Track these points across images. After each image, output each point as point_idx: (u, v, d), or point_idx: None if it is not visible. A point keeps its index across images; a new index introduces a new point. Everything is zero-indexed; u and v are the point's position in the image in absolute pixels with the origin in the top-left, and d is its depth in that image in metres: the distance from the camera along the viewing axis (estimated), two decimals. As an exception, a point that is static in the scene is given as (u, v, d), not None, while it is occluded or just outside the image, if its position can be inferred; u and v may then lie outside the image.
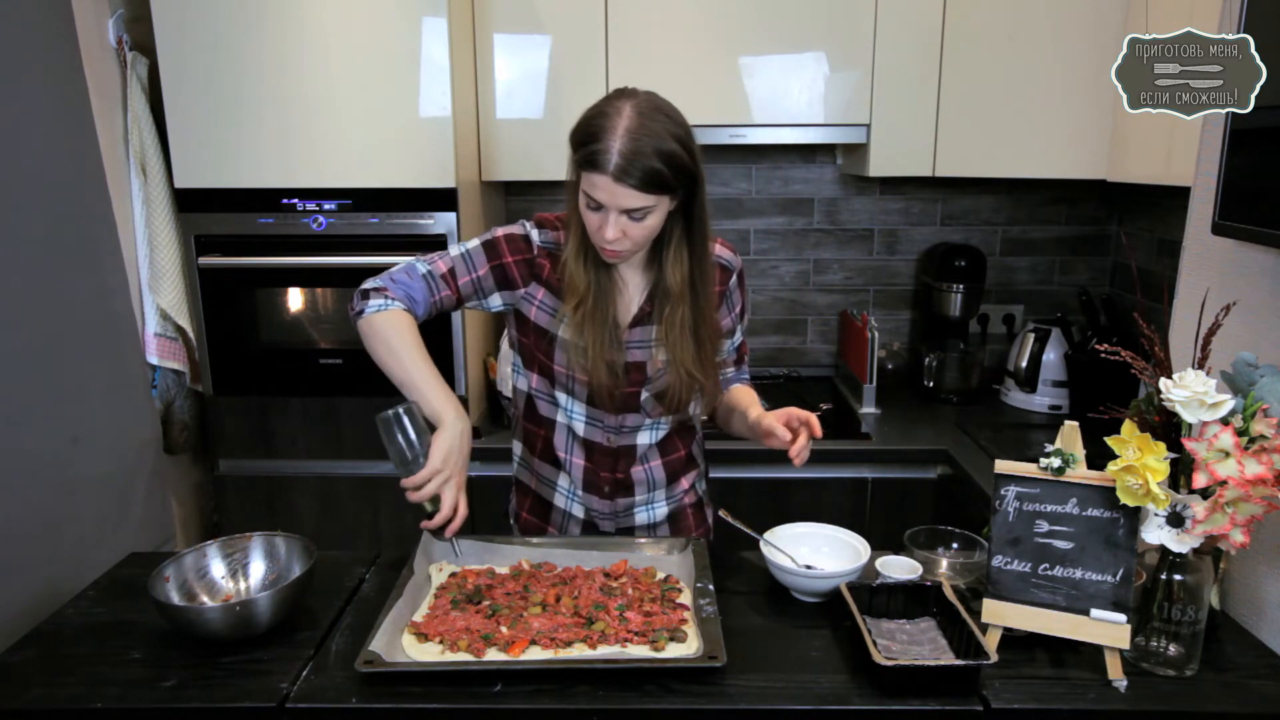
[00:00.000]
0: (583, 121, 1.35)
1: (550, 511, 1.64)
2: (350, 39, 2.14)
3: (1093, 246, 2.82)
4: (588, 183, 1.33)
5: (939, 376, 2.69)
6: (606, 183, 1.30)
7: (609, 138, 1.29)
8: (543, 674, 1.15)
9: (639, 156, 1.28)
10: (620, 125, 1.29)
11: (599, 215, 1.35)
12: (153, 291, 2.24)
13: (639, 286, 1.50)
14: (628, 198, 1.30)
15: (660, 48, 2.36)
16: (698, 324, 1.46)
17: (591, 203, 1.34)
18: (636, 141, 1.28)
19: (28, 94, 1.75)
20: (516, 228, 1.50)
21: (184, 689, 1.15)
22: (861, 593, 1.27)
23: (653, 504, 1.62)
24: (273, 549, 1.39)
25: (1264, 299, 1.34)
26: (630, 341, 1.49)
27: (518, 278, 1.48)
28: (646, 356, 1.50)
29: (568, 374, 1.50)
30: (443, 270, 1.46)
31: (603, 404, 1.51)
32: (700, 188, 1.39)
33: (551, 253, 1.48)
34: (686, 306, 1.45)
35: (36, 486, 1.71)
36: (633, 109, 1.31)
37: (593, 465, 1.57)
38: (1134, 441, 1.11)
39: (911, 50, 2.38)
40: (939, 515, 2.32)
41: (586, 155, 1.30)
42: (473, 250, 1.48)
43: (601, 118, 1.31)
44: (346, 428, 2.35)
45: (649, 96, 1.36)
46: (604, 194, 1.31)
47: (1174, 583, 1.17)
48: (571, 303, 1.44)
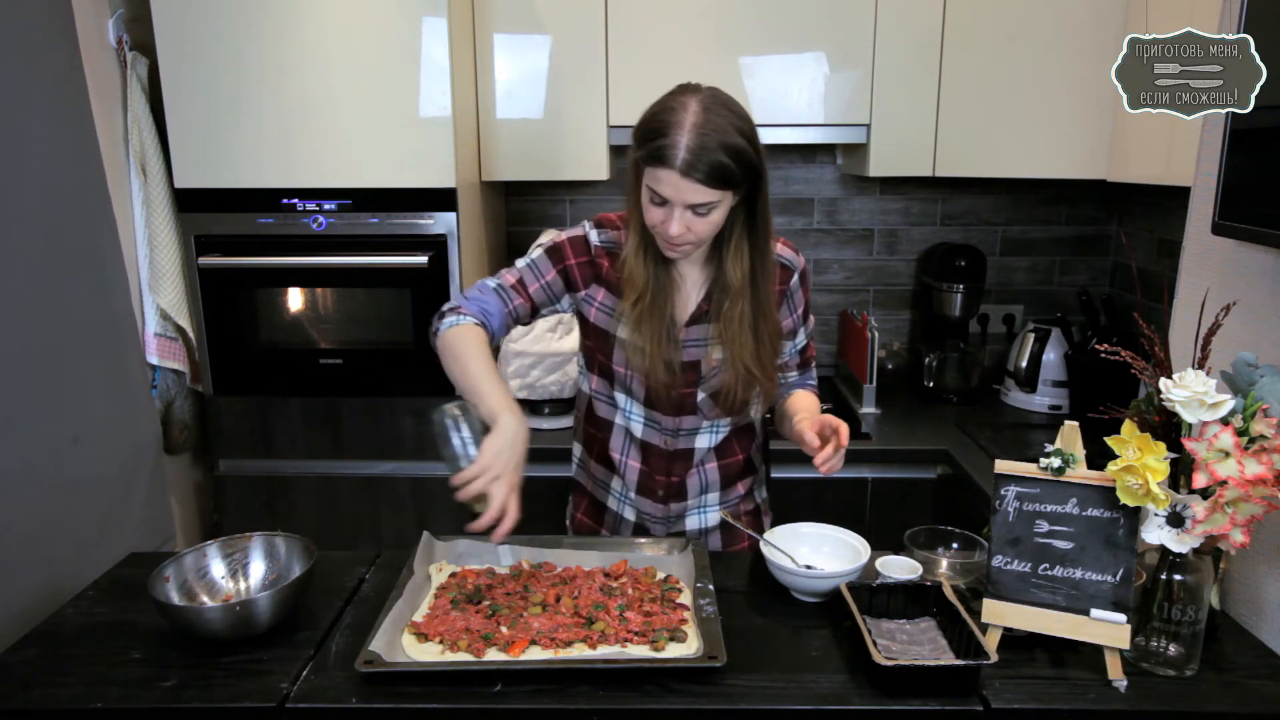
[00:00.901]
0: (647, 117, 1.34)
1: (604, 514, 1.64)
2: (350, 39, 2.14)
3: (1093, 246, 2.82)
4: (652, 178, 1.32)
5: (939, 376, 2.69)
6: (673, 178, 1.29)
7: (676, 133, 1.28)
8: (543, 674, 1.15)
9: (705, 152, 1.28)
10: (687, 120, 1.29)
11: (663, 211, 1.34)
12: (153, 291, 2.24)
13: (697, 284, 1.50)
14: (693, 193, 1.30)
15: (660, 48, 2.36)
16: (757, 320, 1.45)
17: (656, 198, 1.34)
18: (703, 137, 1.28)
19: (28, 94, 1.75)
20: (577, 230, 1.52)
21: (184, 689, 1.15)
22: (861, 593, 1.27)
23: (705, 508, 1.61)
24: (273, 549, 1.39)
25: (1264, 299, 1.34)
26: (686, 340, 1.49)
27: (579, 279, 1.50)
28: (701, 355, 1.50)
29: (627, 373, 1.51)
30: (511, 282, 1.49)
31: (660, 405, 1.51)
32: (764, 183, 1.39)
33: (611, 251, 1.49)
34: (746, 302, 1.44)
35: (36, 486, 1.71)
36: (698, 104, 1.31)
37: (648, 469, 1.57)
38: (1134, 441, 1.11)
39: (911, 50, 2.38)
40: (939, 515, 2.32)
41: (653, 151, 1.30)
42: (537, 259, 1.51)
43: (667, 113, 1.31)
44: (346, 428, 2.35)
45: (713, 92, 1.35)
46: (670, 189, 1.31)
47: (1174, 583, 1.17)
48: (630, 299, 1.44)
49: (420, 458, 2.36)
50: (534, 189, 2.80)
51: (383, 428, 2.35)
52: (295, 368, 2.33)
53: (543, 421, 2.43)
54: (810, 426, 1.39)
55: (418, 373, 2.31)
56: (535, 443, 2.30)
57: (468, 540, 1.48)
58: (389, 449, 2.36)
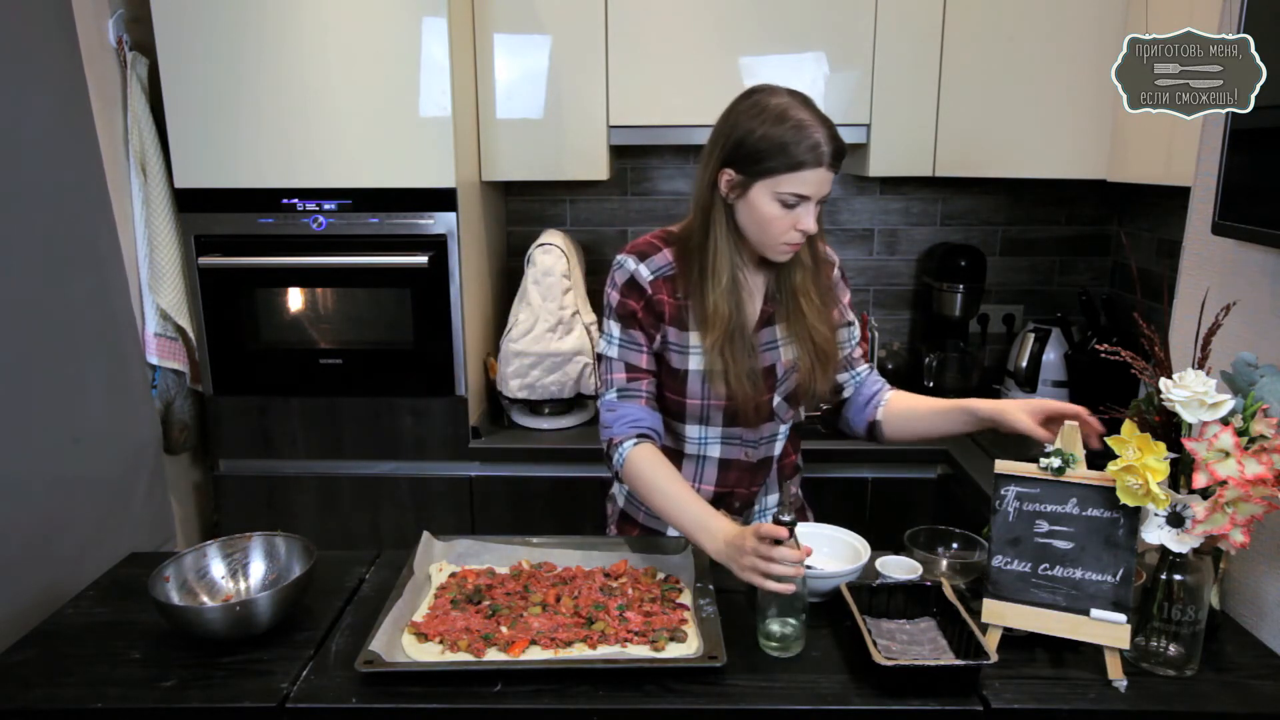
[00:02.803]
0: (766, 129, 1.32)
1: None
2: (350, 39, 2.14)
3: (1093, 246, 2.82)
4: (790, 183, 1.32)
5: (939, 376, 2.69)
6: (819, 174, 1.32)
7: (813, 131, 1.31)
8: (543, 674, 1.15)
9: (836, 139, 1.33)
10: (808, 118, 1.32)
11: (794, 213, 1.35)
12: (153, 291, 2.24)
13: (758, 290, 1.49)
14: (830, 182, 1.35)
15: (660, 48, 2.36)
16: (822, 293, 1.47)
17: (790, 200, 1.33)
18: (830, 127, 1.33)
19: (28, 94, 1.75)
20: (621, 275, 1.46)
21: (184, 689, 1.15)
22: (861, 593, 1.27)
23: (765, 511, 1.61)
24: (273, 549, 1.39)
25: (1264, 299, 1.34)
26: (759, 345, 1.49)
27: (651, 329, 1.47)
28: (775, 359, 1.50)
29: (703, 404, 1.48)
30: (625, 379, 1.46)
31: (743, 419, 1.49)
32: None
33: (667, 278, 1.45)
34: (812, 288, 1.46)
35: (37, 486, 1.71)
36: (798, 101, 1.34)
37: (728, 486, 1.56)
38: (1134, 441, 1.11)
39: (911, 50, 2.38)
40: (939, 515, 2.32)
41: (795, 156, 1.31)
42: (619, 335, 1.47)
43: (786, 118, 1.32)
44: (346, 428, 2.35)
45: (782, 88, 1.38)
46: (814, 185, 1.33)
47: (1174, 583, 1.17)
48: (717, 331, 1.41)
49: (420, 458, 2.36)
50: (534, 189, 2.80)
51: (383, 428, 2.35)
52: (295, 368, 2.33)
53: (543, 421, 2.43)
54: (1034, 418, 1.34)
55: (418, 373, 2.31)
56: (535, 443, 2.32)
57: (468, 540, 1.48)
58: (389, 449, 2.36)
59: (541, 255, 2.40)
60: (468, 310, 2.31)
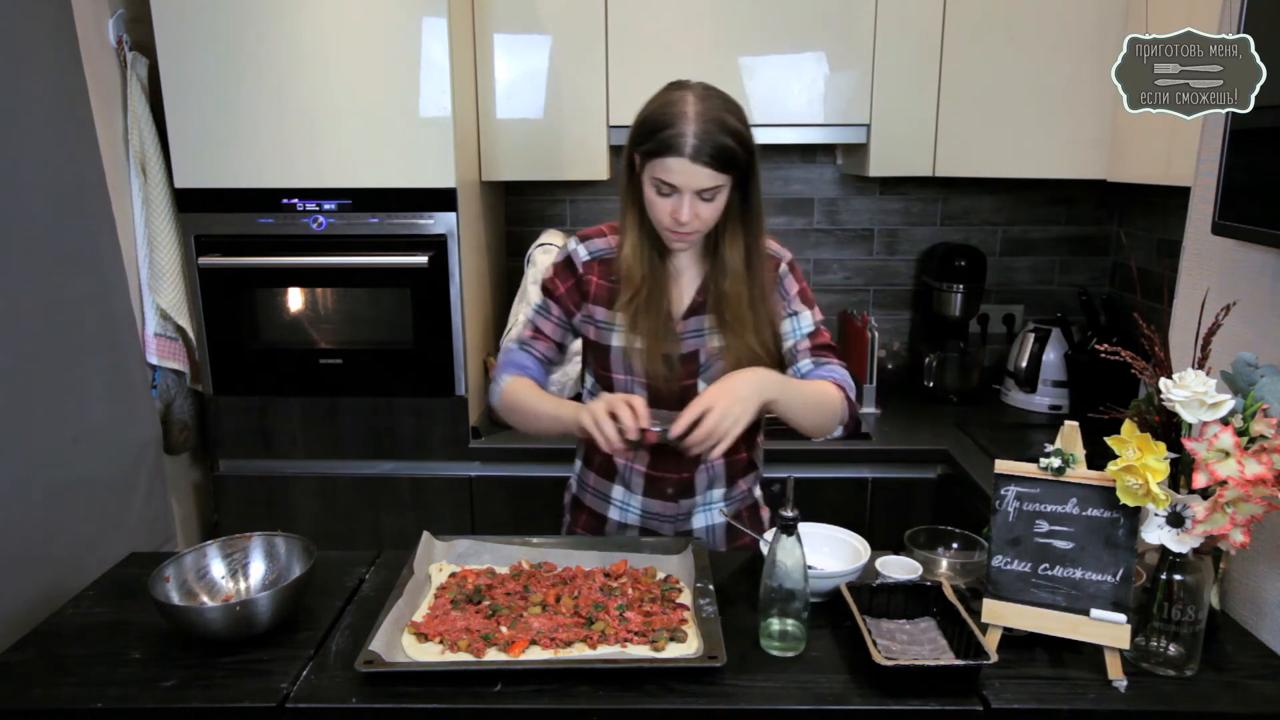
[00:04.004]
0: (647, 115, 1.40)
1: (604, 525, 1.65)
2: (350, 39, 2.14)
3: (1093, 246, 2.82)
4: (660, 169, 1.37)
5: (939, 376, 2.69)
6: (683, 165, 1.35)
7: (681, 122, 1.35)
8: (543, 674, 1.15)
9: (710, 136, 1.35)
10: (689, 110, 1.36)
11: (671, 201, 1.39)
12: (153, 291, 2.24)
13: (693, 277, 1.54)
14: (702, 177, 1.36)
15: (660, 48, 2.36)
16: (755, 301, 1.49)
17: (664, 188, 1.39)
18: (706, 123, 1.35)
19: (28, 94, 1.75)
20: (560, 255, 1.58)
21: (184, 689, 1.15)
22: (861, 593, 1.27)
23: (710, 505, 1.63)
24: (273, 549, 1.39)
25: (1264, 299, 1.34)
26: (685, 332, 1.52)
27: (571, 305, 1.56)
28: (700, 345, 1.53)
29: (627, 379, 1.54)
30: (529, 334, 1.60)
31: (664, 401, 1.52)
32: (756, 168, 1.44)
33: (601, 259, 1.54)
34: (744, 284, 1.48)
35: (37, 487, 1.71)
36: (695, 96, 1.38)
37: (660, 470, 1.58)
38: (1134, 441, 1.11)
39: (911, 50, 2.38)
40: (939, 515, 2.32)
41: (661, 142, 1.36)
42: (539, 303, 1.60)
43: (669, 106, 1.38)
44: (346, 428, 2.35)
45: (703, 84, 1.42)
46: (680, 176, 1.36)
47: (1174, 583, 1.17)
48: (627, 295, 1.49)
49: (420, 458, 2.36)
50: (534, 189, 2.80)
51: (383, 428, 2.35)
52: (295, 368, 2.33)
53: (543, 421, 2.43)
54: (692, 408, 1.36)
55: (418, 373, 2.31)
56: (535, 443, 2.32)
57: (468, 540, 1.48)
58: (389, 449, 2.36)
59: (541, 255, 2.40)
60: (468, 310, 2.31)
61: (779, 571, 1.20)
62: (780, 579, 1.20)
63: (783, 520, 1.19)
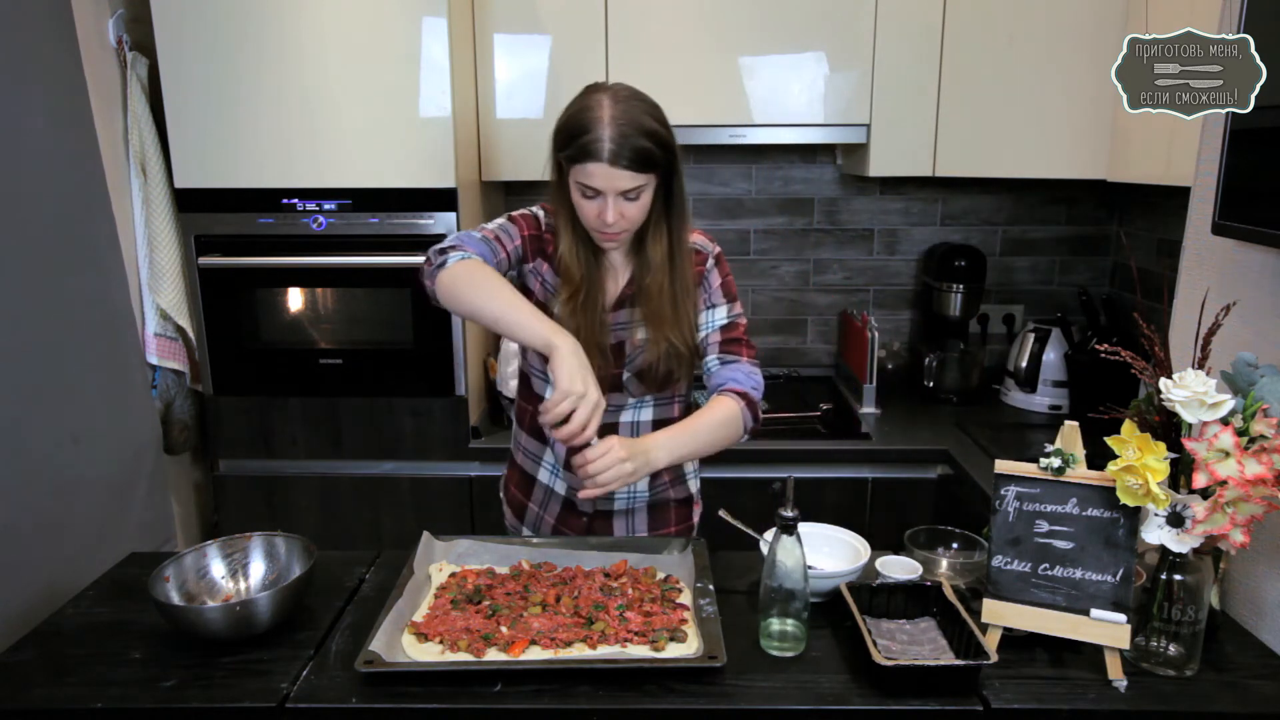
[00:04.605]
0: (566, 120, 1.43)
1: (533, 486, 1.66)
2: (350, 39, 2.14)
3: (1093, 246, 2.82)
4: (581, 174, 1.40)
5: (939, 376, 2.69)
6: (602, 169, 1.37)
7: (598, 127, 1.37)
8: (543, 674, 1.15)
9: (627, 139, 1.36)
10: (605, 114, 1.38)
11: (596, 203, 1.42)
12: (153, 291, 2.24)
13: (623, 271, 1.56)
14: (623, 179, 1.38)
15: (660, 48, 2.36)
16: (677, 295, 1.51)
17: (588, 192, 1.41)
18: (623, 126, 1.37)
19: (28, 94, 1.75)
20: (526, 210, 1.59)
21: (184, 689, 1.15)
22: (861, 593, 1.27)
23: (633, 489, 1.63)
24: (273, 549, 1.39)
25: (1264, 299, 1.34)
26: (613, 324, 1.54)
27: (529, 252, 1.56)
28: (626, 336, 1.55)
29: None
30: (493, 236, 1.53)
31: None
32: (678, 165, 1.46)
33: (554, 233, 1.55)
34: (667, 279, 1.51)
35: (36, 486, 1.71)
36: (610, 99, 1.40)
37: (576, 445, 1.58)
38: (1134, 441, 1.11)
39: (911, 50, 2.38)
40: (939, 515, 2.32)
41: (580, 147, 1.38)
42: (505, 223, 1.56)
43: (585, 111, 1.40)
44: (346, 428, 2.35)
45: (620, 86, 1.44)
46: (601, 180, 1.38)
47: (1174, 583, 1.17)
48: (566, 293, 1.50)
49: (420, 458, 2.36)
50: (534, 189, 2.80)
51: (383, 428, 2.35)
52: (295, 368, 2.33)
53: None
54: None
55: (418, 373, 2.32)
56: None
57: (468, 540, 1.48)
58: (389, 449, 2.36)
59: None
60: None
61: (779, 571, 1.20)
62: (780, 579, 1.20)
63: (783, 520, 1.20)
